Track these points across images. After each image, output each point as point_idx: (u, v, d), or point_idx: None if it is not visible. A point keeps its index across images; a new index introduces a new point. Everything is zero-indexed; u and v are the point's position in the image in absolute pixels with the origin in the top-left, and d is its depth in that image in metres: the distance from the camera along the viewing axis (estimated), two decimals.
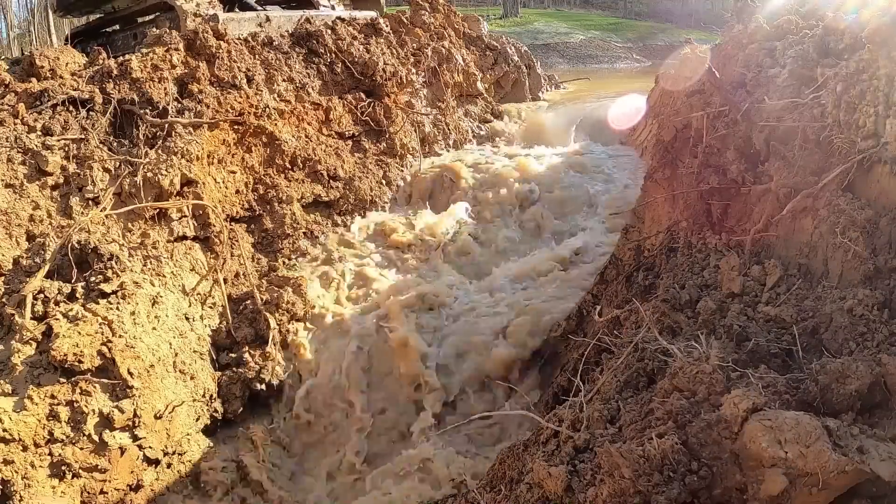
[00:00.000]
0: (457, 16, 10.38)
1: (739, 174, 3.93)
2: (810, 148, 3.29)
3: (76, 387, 3.99)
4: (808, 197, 3.14)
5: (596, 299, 5.04)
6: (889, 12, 2.95)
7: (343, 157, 7.03)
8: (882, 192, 2.85)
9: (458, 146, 8.67)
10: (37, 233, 4.75)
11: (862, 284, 2.74)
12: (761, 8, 5.02)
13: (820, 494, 1.96)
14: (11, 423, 3.73)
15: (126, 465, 4.14)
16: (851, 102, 3.00)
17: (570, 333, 4.92)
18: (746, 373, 2.44)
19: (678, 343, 2.82)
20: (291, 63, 7.03)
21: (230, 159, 6.13)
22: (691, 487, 2.14)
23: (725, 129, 4.20)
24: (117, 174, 5.26)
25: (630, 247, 5.04)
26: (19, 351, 4.03)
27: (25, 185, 4.86)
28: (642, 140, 8.04)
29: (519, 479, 2.91)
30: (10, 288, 4.36)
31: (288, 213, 6.31)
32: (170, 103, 5.70)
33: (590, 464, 2.45)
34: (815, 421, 2.05)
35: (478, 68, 10.13)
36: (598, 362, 3.68)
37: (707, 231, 3.94)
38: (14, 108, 5.15)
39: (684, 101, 5.51)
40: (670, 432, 2.28)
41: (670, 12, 40.97)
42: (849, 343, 2.57)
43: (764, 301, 3.06)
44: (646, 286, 4.31)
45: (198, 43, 6.16)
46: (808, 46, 3.80)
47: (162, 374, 4.47)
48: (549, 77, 12.67)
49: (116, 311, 4.37)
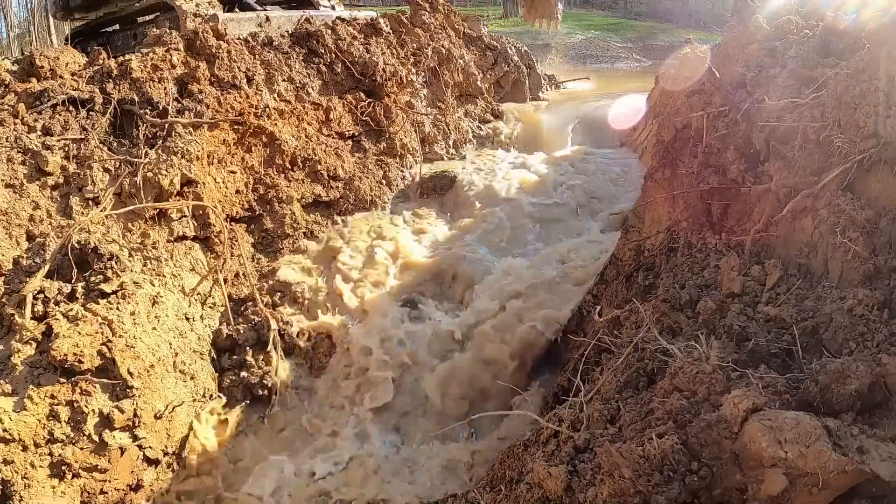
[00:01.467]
0: (457, 16, 10.37)
1: (739, 174, 3.93)
2: (810, 148, 3.29)
3: (76, 387, 3.99)
4: (808, 197, 3.14)
5: (596, 299, 5.04)
6: (889, 12, 2.95)
7: (343, 157, 7.03)
8: (882, 192, 2.85)
9: (457, 146, 8.66)
10: (37, 233, 4.75)
11: (862, 284, 2.74)
12: (761, 8, 5.02)
13: (820, 494, 1.96)
14: (11, 423, 3.73)
15: (126, 465, 4.14)
16: (851, 102, 3.00)
17: (570, 333, 4.92)
18: (746, 373, 2.44)
19: (678, 343, 2.82)
20: (291, 63, 7.03)
21: (230, 159, 6.13)
22: (691, 487, 2.14)
23: (725, 129, 4.20)
24: (117, 174, 5.26)
25: (630, 247, 5.04)
26: (19, 351, 4.03)
27: (25, 185, 4.86)
28: (642, 140, 8.04)
29: (519, 479, 2.91)
30: (10, 288, 4.36)
31: (288, 213, 6.31)
32: (170, 103, 5.70)
33: (590, 464, 2.45)
34: (815, 421, 2.05)
35: (478, 68, 10.13)
36: (598, 362, 3.68)
37: (707, 231, 3.94)
38: (14, 108, 5.15)
39: (684, 101, 5.52)
40: (670, 432, 2.28)
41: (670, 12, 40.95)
42: (849, 343, 2.57)
43: (764, 301, 3.06)
44: (646, 286, 4.31)
45: (198, 43, 6.16)
46: (809, 46, 3.81)
47: (162, 374, 4.47)
48: (550, 77, 12.66)
49: (116, 311, 4.37)
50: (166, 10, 7.45)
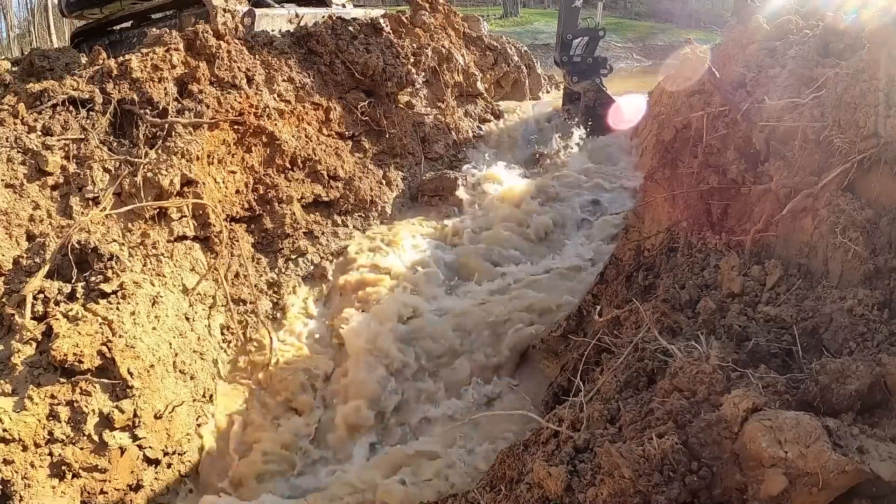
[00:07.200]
0: (457, 16, 10.38)
1: (739, 174, 3.93)
2: (810, 148, 3.30)
3: (76, 387, 3.99)
4: (808, 197, 3.15)
5: (596, 299, 5.04)
6: (889, 13, 2.96)
7: (343, 157, 7.03)
8: (882, 192, 2.85)
9: (457, 147, 8.66)
10: (37, 233, 4.75)
11: (862, 284, 2.74)
12: (761, 8, 5.02)
13: (820, 494, 1.96)
14: (11, 423, 3.73)
15: (126, 465, 4.14)
16: (851, 102, 3.00)
17: (570, 333, 4.92)
18: (746, 373, 2.44)
19: (678, 343, 2.82)
20: (291, 63, 7.03)
21: (230, 159, 6.13)
22: (691, 487, 2.14)
23: (725, 129, 4.21)
24: (117, 174, 5.26)
25: (630, 247, 5.05)
26: (19, 351, 4.03)
27: (25, 185, 4.86)
28: (642, 140, 8.05)
29: (519, 479, 2.91)
30: (10, 288, 4.36)
31: (288, 213, 6.31)
32: (170, 103, 5.70)
33: (590, 464, 2.45)
34: (815, 421, 2.05)
35: (478, 68, 10.13)
36: (598, 362, 3.68)
37: (707, 231, 3.94)
38: (14, 108, 5.15)
39: (684, 101, 5.52)
40: (670, 432, 2.28)
41: (670, 12, 40.96)
42: (849, 343, 2.57)
43: (764, 301, 3.06)
44: (646, 286, 4.31)
45: (198, 43, 6.15)
46: (809, 47, 3.81)
47: (162, 374, 4.47)
48: (550, 77, 12.67)
49: (116, 311, 4.37)
50: (189, 4, 7.40)
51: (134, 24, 8.76)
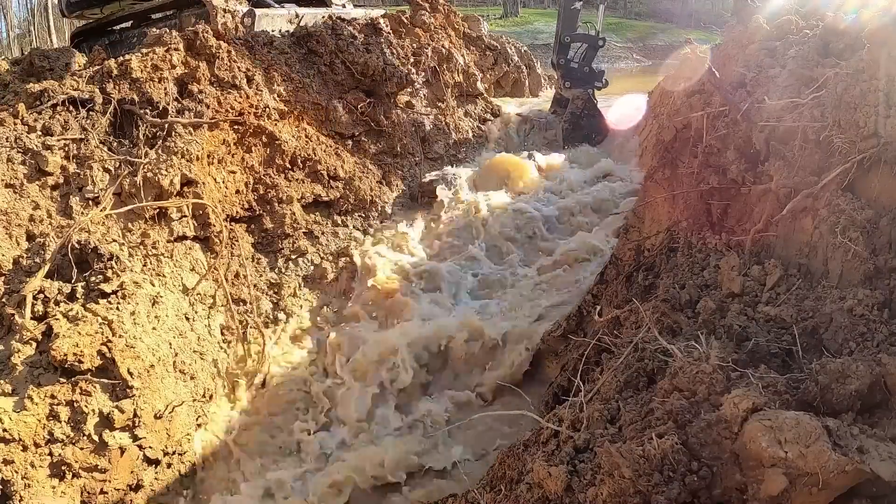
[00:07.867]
0: (457, 16, 10.37)
1: (739, 174, 3.93)
2: (810, 148, 3.30)
3: (76, 387, 3.99)
4: (808, 197, 3.15)
5: (596, 299, 5.04)
6: (889, 13, 2.96)
7: (343, 157, 7.03)
8: (882, 192, 2.85)
9: (457, 147, 8.66)
10: (37, 233, 4.75)
11: (862, 284, 2.74)
12: (761, 8, 5.02)
13: (820, 494, 1.96)
14: (11, 423, 3.73)
15: (126, 465, 4.14)
16: (851, 102, 3.00)
17: (570, 333, 4.92)
18: (746, 373, 2.44)
19: (678, 343, 2.82)
20: (291, 63, 7.03)
21: (230, 159, 6.13)
22: (691, 487, 2.14)
23: (725, 129, 4.21)
24: (117, 174, 5.26)
25: (630, 247, 5.05)
26: (19, 351, 4.03)
27: (25, 185, 4.86)
28: (642, 140, 8.05)
29: (519, 479, 2.91)
30: (10, 288, 4.36)
31: (288, 213, 6.31)
32: (170, 103, 5.70)
33: (590, 464, 2.45)
34: (815, 421, 2.05)
35: (478, 68, 10.13)
36: (598, 362, 3.68)
37: (707, 231, 3.94)
38: (14, 108, 5.15)
39: (684, 101, 5.52)
40: (670, 432, 2.28)
41: (670, 12, 40.98)
42: (849, 343, 2.57)
43: (764, 301, 3.06)
44: (646, 286, 4.31)
45: (198, 43, 6.16)
46: (809, 47, 3.81)
47: (162, 374, 4.47)
48: (550, 77, 12.66)
49: (116, 311, 4.37)
50: (189, 5, 7.40)
51: (134, 24, 8.75)
